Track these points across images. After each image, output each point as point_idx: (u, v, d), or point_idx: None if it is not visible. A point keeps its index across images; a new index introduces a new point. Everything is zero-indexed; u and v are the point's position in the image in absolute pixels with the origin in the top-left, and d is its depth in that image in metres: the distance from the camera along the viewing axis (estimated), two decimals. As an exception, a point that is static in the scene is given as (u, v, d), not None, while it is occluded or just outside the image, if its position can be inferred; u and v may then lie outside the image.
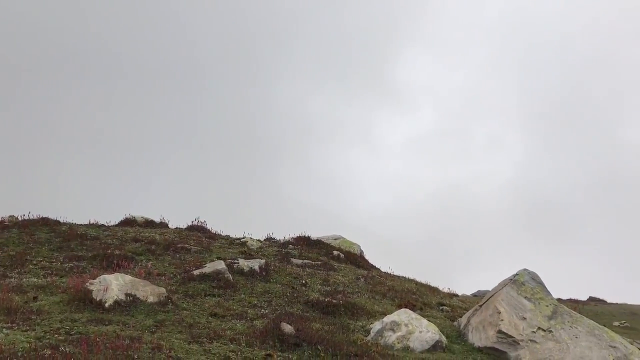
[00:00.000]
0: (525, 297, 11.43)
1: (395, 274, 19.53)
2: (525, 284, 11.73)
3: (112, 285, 10.33)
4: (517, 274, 12.02)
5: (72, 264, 13.36)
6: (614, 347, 10.58)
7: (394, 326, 10.79)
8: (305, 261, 16.49)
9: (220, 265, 12.95)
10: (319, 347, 9.05)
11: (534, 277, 11.94)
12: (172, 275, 12.79)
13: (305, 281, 13.92)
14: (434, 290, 17.68)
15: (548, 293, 11.71)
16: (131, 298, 10.24)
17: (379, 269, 20.02)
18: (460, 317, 12.94)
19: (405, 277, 18.78)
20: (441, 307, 14.81)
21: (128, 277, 10.92)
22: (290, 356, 8.79)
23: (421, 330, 10.73)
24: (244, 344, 8.97)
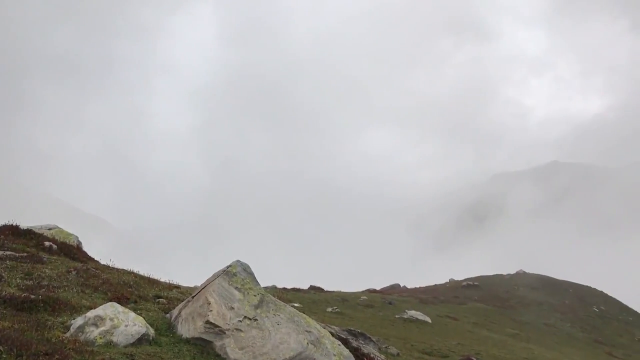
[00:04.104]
0: (236, 288, 11.79)
1: (116, 266, 18.60)
2: (237, 274, 12.11)
3: None
4: (230, 265, 12.35)
5: None
6: (309, 331, 11.55)
7: (98, 321, 10.19)
8: (7, 253, 14.69)
9: None
10: (0, 347, 8.05)
11: (246, 268, 12.40)
12: None
13: (1, 275, 12.36)
14: (154, 282, 17.24)
15: (257, 283, 12.27)
16: None
17: (97, 262, 18.87)
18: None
19: (124, 270, 18.00)
20: (158, 300, 14.50)
21: None
22: (-38, 360, 7.66)
23: (127, 324, 10.31)
24: None
